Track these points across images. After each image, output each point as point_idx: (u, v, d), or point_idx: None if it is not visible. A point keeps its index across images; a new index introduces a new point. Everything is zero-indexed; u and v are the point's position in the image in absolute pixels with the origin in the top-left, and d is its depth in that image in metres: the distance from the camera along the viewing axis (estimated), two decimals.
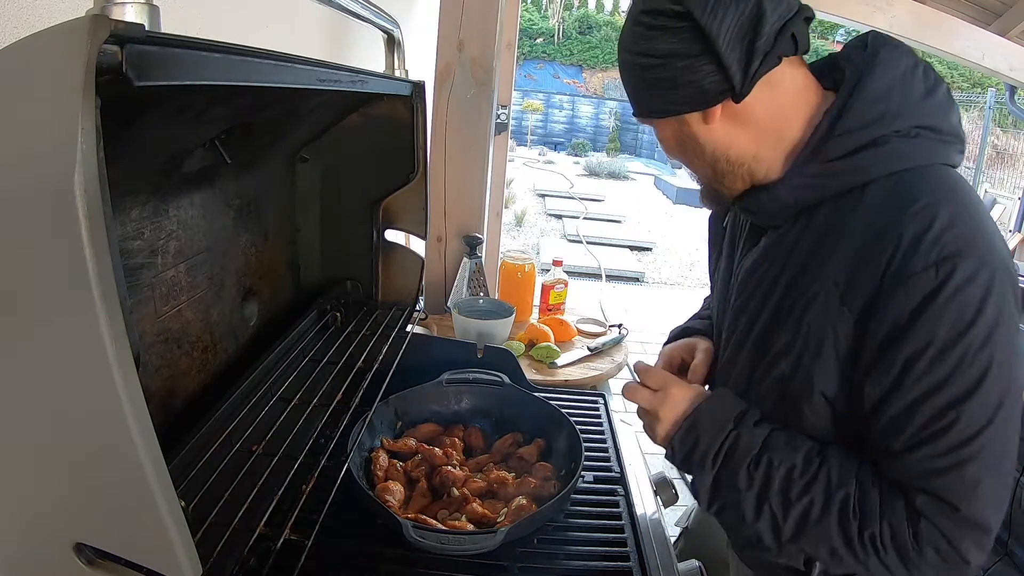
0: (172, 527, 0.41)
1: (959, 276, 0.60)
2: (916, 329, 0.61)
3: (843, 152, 0.68)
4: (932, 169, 0.67)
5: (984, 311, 0.60)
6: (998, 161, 10.35)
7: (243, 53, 0.49)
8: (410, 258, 1.27)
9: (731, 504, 0.72)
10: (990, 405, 0.61)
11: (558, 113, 17.69)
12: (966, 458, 0.61)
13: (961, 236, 0.61)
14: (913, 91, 0.68)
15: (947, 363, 0.61)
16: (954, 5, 3.54)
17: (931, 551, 0.63)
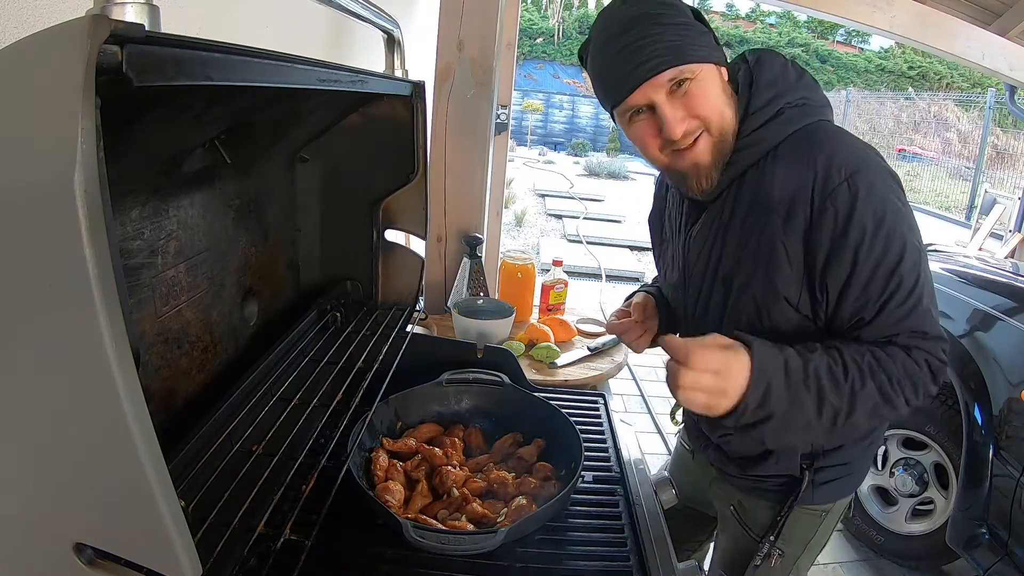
0: (172, 527, 0.41)
1: (864, 182, 0.83)
2: (851, 227, 0.83)
3: (757, 125, 0.90)
4: (818, 123, 0.91)
5: (887, 200, 0.83)
6: (998, 161, 10.35)
7: (243, 53, 0.49)
8: (410, 258, 1.27)
9: (797, 420, 0.84)
10: (915, 260, 0.85)
11: (558, 113, 17.69)
12: (917, 299, 0.86)
13: (854, 158, 0.85)
14: (789, 77, 0.93)
15: (879, 243, 0.83)
16: (954, 5, 3.54)
17: (926, 367, 0.87)
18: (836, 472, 1.05)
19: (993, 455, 1.89)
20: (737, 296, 0.94)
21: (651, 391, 3.56)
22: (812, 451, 1.02)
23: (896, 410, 0.86)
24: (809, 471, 1.02)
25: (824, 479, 1.04)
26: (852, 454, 1.05)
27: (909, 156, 13.07)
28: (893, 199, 0.84)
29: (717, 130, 0.89)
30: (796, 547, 1.10)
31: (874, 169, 0.84)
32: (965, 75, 17.84)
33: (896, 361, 0.86)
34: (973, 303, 2.14)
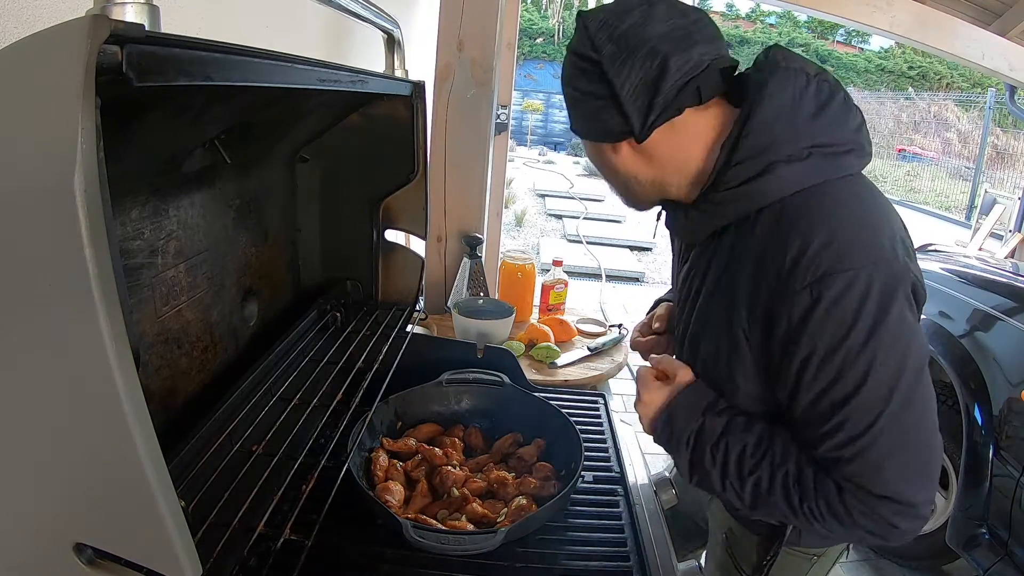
0: (172, 527, 0.41)
1: (832, 292, 0.67)
2: (801, 342, 0.69)
3: (736, 182, 0.74)
4: (818, 188, 0.72)
5: (860, 318, 0.67)
6: (998, 161, 10.35)
7: (243, 53, 0.49)
8: (410, 258, 1.27)
9: (703, 478, 0.81)
10: (879, 398, 0.67)
11: (558, 113, 17.67)
12: (864, 447, 0.68)
13: (835, 253, 0.67)
14: (802, 113, 0.73)
15: (830, 369, 0.68)
16: (954, 5, 3.54)
17: (862, 519, 0.71)
18: None
19: (993, 455, 1.89)
20: (702, 368, 0.85)
21: None
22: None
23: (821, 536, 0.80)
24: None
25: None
26: None
27: (909, 156, 13.07)
28: (873, 310, 0.67)
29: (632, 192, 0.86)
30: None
31: (858, 268, 0.67)
32: (965, 75, 17.84)
33: (820, 493, 0.72)
34: (973, 303, 2.14)
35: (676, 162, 0.79)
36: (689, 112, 0.76)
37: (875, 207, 0.74)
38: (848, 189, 0.73)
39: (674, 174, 0.81)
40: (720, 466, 0.78)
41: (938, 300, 2.27)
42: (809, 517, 0.73)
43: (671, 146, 0.78)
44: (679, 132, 0.77)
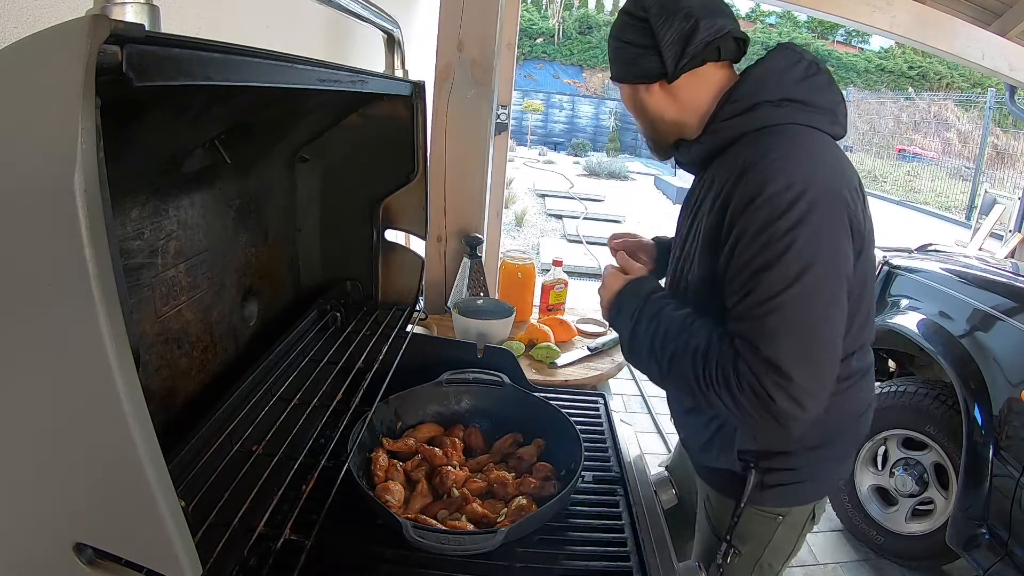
0: (172, 527, 0.41)
1: (772, 187, 0.83)
2: (741, 221, 0.86)
3: (729, 116, 0.96)
4: (787, 126, 0.92)
5: (790, 212, 0.82)
6: (998, 161, 10.35)
7: (243, 53, 0.49)
8: (410, 258, 1.27)
9: (636, 348, 0.99)
10: (787, 277, 0.82)
11: (558, 113, 17.69)
12: (766, 312, 0.82)
13: (784, 165, 0.85)
14: (790, 77, 0.94)
15: (755, 245, 0.84)
16: (954, 5, 3.54)
17: (747, 388, 0.83)
18: (784, 476, 1.06)
19: (993, 455, 1.89)
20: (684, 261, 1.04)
21: (651, 391, 3.56)
22: (758, 450, 1.04)
23: (708, 403, 0.89)
24: (755, 470, 1.05)
25: (773, 482, 1.06)
26: (800, 462, 1.05)
27: (909, 156, 13.07)
28: (803, 211, 0.82)
29: (657, 130, 1.07)
30: (755, 547, 1.12)
31: (800, 179, 0.83)
32: (965, 75, 17.84)
33: (719, 360, 0.86)
34: (973, 303, 2.14)
35: (693, 104, 1.00)
36: (708, 66, 0.98)
37: (832, 154, 0.91)
38: (813, 135, 0.92)
39: (691, 114, 1.01)
40: (650, 337, 0.95)
41: (938, 300, 2.27)
42: (707, 383, 0.87)
43: (691, 91, 1.00)
44: (699, 80, 0.99)
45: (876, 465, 2.40)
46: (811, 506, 1.12)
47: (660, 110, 1.03)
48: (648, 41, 0.97)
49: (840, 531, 2.50)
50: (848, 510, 2.43)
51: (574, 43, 20.39)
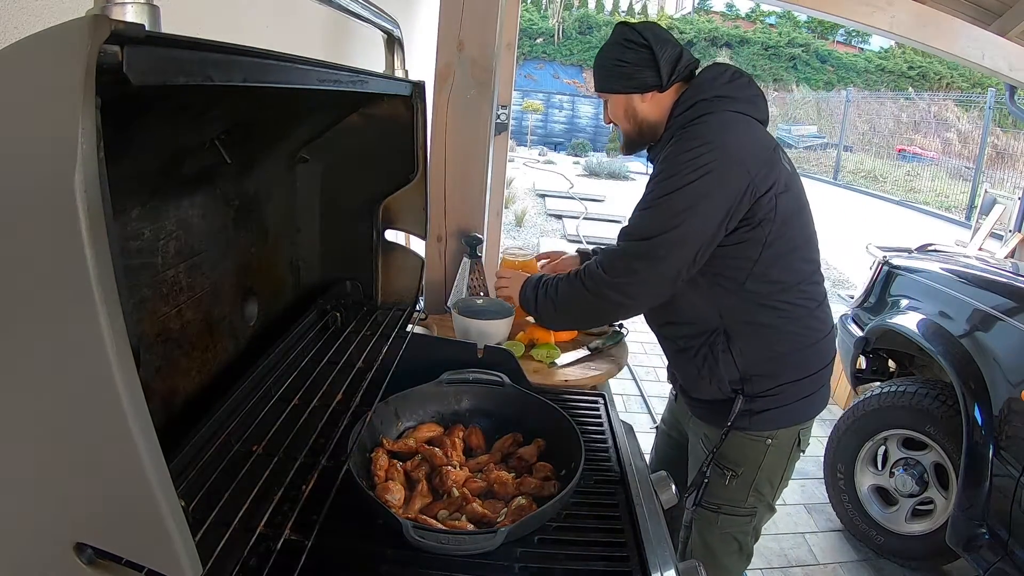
0: (172, 527, 0.41)
1: (684, 145, 1.20)
2: (655, 171, 1.25)
3: (680, 112, 1.30)
4: (721, 113, 1.25)
5: (693, 171, 1.18)
6: (998, 161, 10.35)
7: (243, 53, 0.49)
8: (410, 258, 1.27)
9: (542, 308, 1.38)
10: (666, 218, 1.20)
11: (558, 113, 17.69)
12: (626, 232, 1.26)
13: (704, 134, 1.21)
14: (718, 82, 1.29)
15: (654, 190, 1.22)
16: (954, 5, 3.54)
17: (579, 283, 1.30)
18: (769, 402, 1.32)
19: (993, 455, 1.89)
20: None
21: (651, 391, 3.56)
22: (740, 376, 1.31)
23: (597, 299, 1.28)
24: (742, 396, 1.31)
25: (759, 408, 1.32)
26: (780, 388, 1.31)
27: (909, 156, 13.07)
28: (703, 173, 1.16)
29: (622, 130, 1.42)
30: (748, 469, 1.36)
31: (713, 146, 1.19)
32: (965, 75, 17.84)
33: (585, 268, 1.30)
34: (973, 303, 2.14)
35: (665, 110, 1.34)
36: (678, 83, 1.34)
37: (746, 125, 1.26)
38: (736, 117, 1.26)
39: (663, 118, 1.35)
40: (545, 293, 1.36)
41: (938, 300, 2.27)
42: (581, 283, 1.28)
43: (667, 100, 1.34)
44: (672, 92, 1.34)
45: (876, 465, 2.40)
46: (796, 430, 1.35)
47: (646, 114, 1.36)
48: (648, 61, 1.30)
49: (840, 531, 2.50)
50: (848, 510, 2.43)
51: (574, 43, 20.39)
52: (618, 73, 1.32)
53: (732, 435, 1.33)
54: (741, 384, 1.31)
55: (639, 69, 1.30)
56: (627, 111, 1.36)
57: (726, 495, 1.38)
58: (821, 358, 1.35)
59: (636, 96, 1.33)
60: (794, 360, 1.31)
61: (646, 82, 1.31)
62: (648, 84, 1.31)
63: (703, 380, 1.34)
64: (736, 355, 1.29)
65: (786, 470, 1.39)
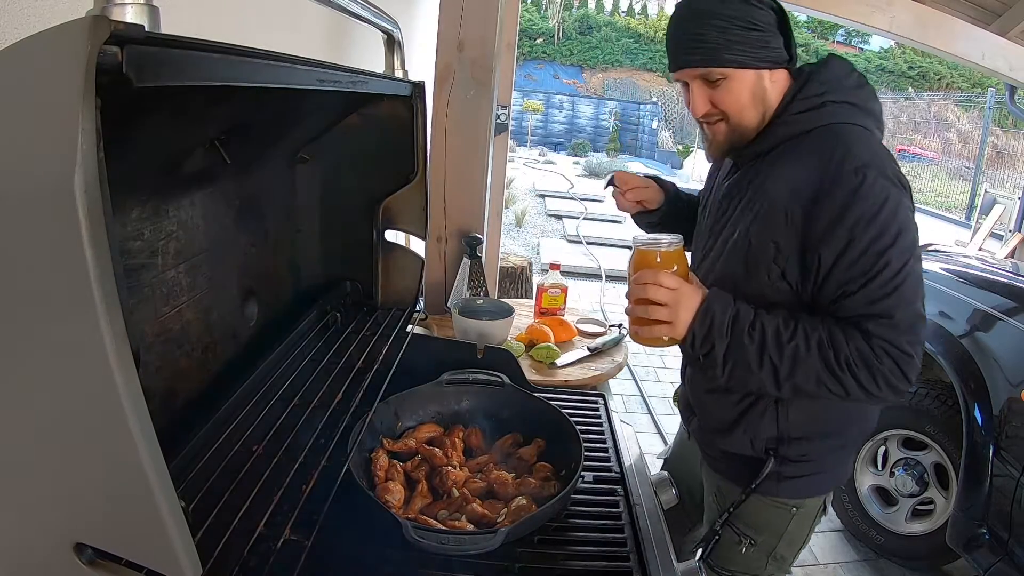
0: (172, 527, 0.41)
1: (870, 176, 0.92)
2: (852, 209, 0.91)
3: (799, 110, 1.01)
4: (853, 126, 1.00)
5: (889, 197, 0.92)
6: (998, 161, 10.35)
7: (243, 53, 0.49)
8: (410, 258, 1.27)
9: (740, 361, 0.95)
10: (906, 250, 0.91)
11: (558, 113, 17.69)
12: (900, 283, 0.91)
13: (868, 157, 0.94)
14: (848, 82, 1.03)
15: (874, 227, 0.90)
16: (954, 5, 3.54)
17: (887, 358, 0.90)
18: (801, 468, 1.10)
19: (993, 455, 1.89)
20: (734, 242, 1.03)
21: (651, 391, 3.56)
22: (777, 435, 1.08)
23: (846, 390, 0.92)
24: (774, 458, 1.08)
25: (789, 473, 1.10)
26: (819, 452, 1.09)
27: (909, 156, 13.05)
28: (897, 195, 0.92)
29: (735, 122, 1.03)
30: (769, 537, 1.16)
31: (885, 169, 0.93)
32: (965, 75, 17.84)
33: (851, 343, 0.92)
34: (973, 303, 2.14)
35: (776, 97, 1.03)
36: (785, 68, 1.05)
37: (886, 148, 0.99)
38: (870, 135, 1.00)
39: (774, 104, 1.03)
40: (758, 343, 0.94)
41: (938, 300, 2.27)
42: (844, 370, 0.91)
43: (783, 86, 1.04)
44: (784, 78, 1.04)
45: (876, 465, 2.40)
46: (823, 498, 1.16)
47: (771, 99, 1.02)
48: (774, 27, 0.99)
49: (840, 531, 2.50)
50: (848, 510, 2.43)
51: (574, 43, 20.39)
52: (749, 39, 0.97)
53: (753, 498, 1.11)
54: (777, 444, 1.08)
55: (773, 36, 0.99)
56: (755, 94, 1.01)
57: (740, 561, 1.18)
58: (866, 423, 1.15)
59: (766, 74, 1.01)
60: (840, 426, 1.10)
61: (780, 54, 1.00)
62: (781, 58, 1.00)
63: (737, 430, 1.10)
64: (783, 412, 1.06)
65: (807, 537, 1.21)
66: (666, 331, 0.97)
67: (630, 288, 0.99)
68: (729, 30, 0.96)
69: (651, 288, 0.96)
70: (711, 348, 0.96)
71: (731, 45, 0.97)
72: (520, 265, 3.40)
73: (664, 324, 0.97)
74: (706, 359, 0.98)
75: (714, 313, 0.95)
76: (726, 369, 0.96)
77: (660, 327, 0.97)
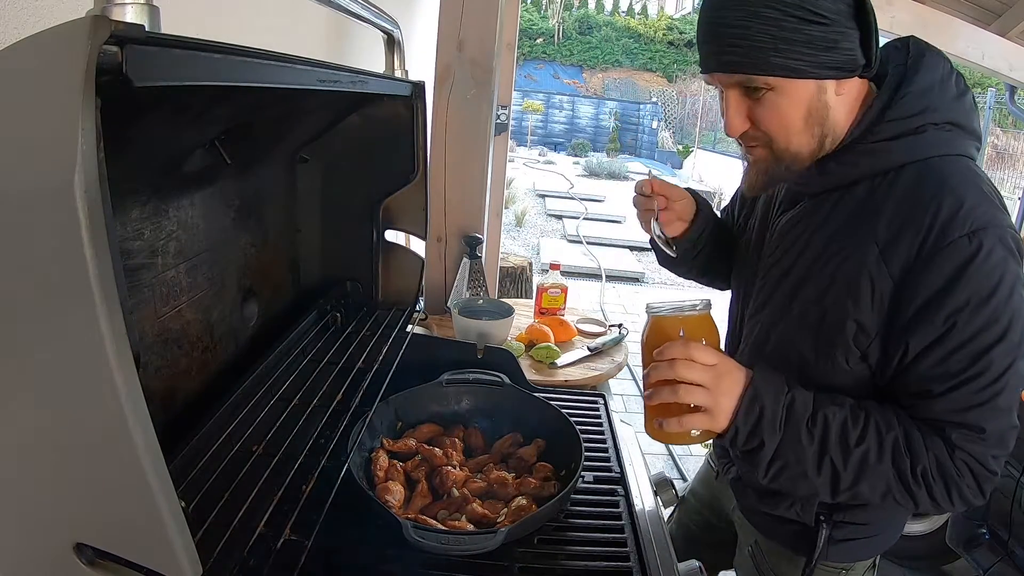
0: (172, 527, 0.41)
1: (988, 244, 0.70)
2: (958, 288, 0.71)
3: (889, 135, 0.77)
4: (957, 158, 0.77)
5: (1007, 273, 0.71)
6: (998, 161, 10.36)
7: (243, 53, 0.49)
8: (410, 258, 1.27)
9: (793, 463, 0.76)
10: (1013, 348, 0.72)
11: (558, 113, 17.70)
12: (998, 391, 0.72)
13: (986, 213, 0.72)
14: (948, 92, 0.78)
15: (982, 316, 0.71)
16: (954, 5, 3.54)
17: (969, 474, 0.74)
18: (856, 531, 0.94)
19: None
20: (801, 309, 0.82)
21: None
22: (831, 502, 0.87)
23: (916, 503, 0.76)
24: (827, 524, 0.92)
25: (842, 536, 0.94)
26: (874, 515, 0.94)
27: None
28: (1014, 271, 0.72)
29: (781, 148, 0.80)
30: None
31: (1002, 230, 0.72)
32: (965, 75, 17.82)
33: (931, 452, 0.74)
34: None
35: (845, 115, 0.80)
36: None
37: (993, 186, 0.78)
38: (977, 167, 0.78)
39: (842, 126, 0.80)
40: (819, 442, 0.74)
41: None
42: (919, 483, 0.74)
43: (851, 98, 0.80)
44: (861, 86, 0.80)
45: None
46: (871, 560, 1.01)
47: (836, 120, 0.78)
48: (851, 17, 0.72)
49: None
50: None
51: (574, 43, 20.40)
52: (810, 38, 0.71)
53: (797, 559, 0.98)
54: (830, 511, 0.92)
55: (845, 32, 0.72)
56: (812, 112, 0.76)
57: None
58: None
59: (831, 85, 0.75)
60: None
61: (853, 58, 0.74)
62: (854, 63, 0.74)
63: (784, 499, 0.94)
64: None
65: None
66: (703, 422, 0.75)
67: (648, 369, 0.77)
68: (782, 23, 0.70)
69: (682, 365, 0.74)
70: (759, 445, 0.76)
71: (783, 45, 0.71)
72: (520, 265, 3.40)
73: (700, 414, 0.75)
74: (749, 457, 0.79)
75: (764, 401, 0.74)
76: (771, 470, 0.78)
77: (695, 417, 0.75)
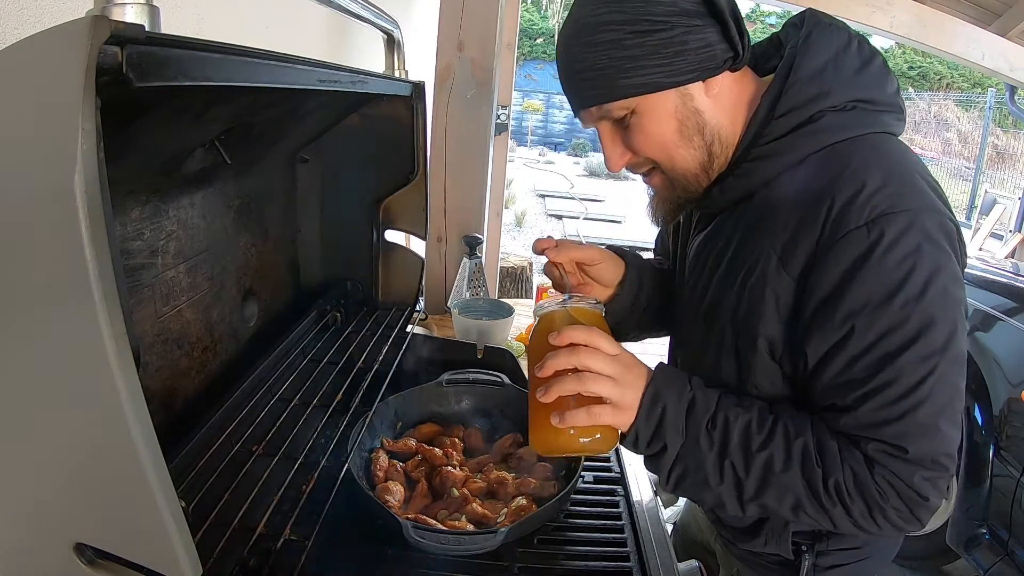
0: (172, 527, 0.41)
1: (891, 233, 0.61)
2: (853, 287, 0.62)
3: (783, 132, 0.69)
4: (865, 137, 0.68)
5: (919, 265, 0.61)
6: (998, 161, 10.35)
7: (243, 53, 0.49)
8: (410, 258, 1.27)
9: (693, 468, 0.68)
10: (936, 349, 0.61)
11: (558, 113, 17.69)
12: (915, 404, 0.62)
13: (891, 195, 0.62)
14: (846, 67, 0.69)
15: (885, 317, 0.61)
16: (954, 5, 3.54)
17: (895, 496, 0.64)
18: (844, 557, 0.85)
19: (993, 455, 1.89)
20: (719, 334, 0.76)
21: None
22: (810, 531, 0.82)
23: (832, 522, 0.66)
24: (809, 554, 0.83)
25: (829, 564, 0.85)
26: (866, 537, 0.84)
27: None
28: (931, 261, 0.61)
29: (668, 169, 0.73)
30: None
31: (914, 212, 0.62)
32: (965, 75, 17.84)
33: (846, 465, 0.64)
34: (973, 303, 2.14)
35: (734, 111, 0.72)
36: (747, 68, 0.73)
37: (916, 162, 0.69)
38: (891, 142, 0.69)
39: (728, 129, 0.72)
40: (718, 446, 0.66)
41: None
42: (833, 498, 0.64)
43: (735, 88, 0.71)
44: (748, 82, 0.73)
45: None
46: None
47: (718, 120, 0.71)
48: (693, 15, 0.65)
49: None
50: None
51: None
52: (653, 47, 0.65)
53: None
54: (812, 540, 0.83)
55: (692, 30, 0.66)
56: (683, 122, 0.70)
57: None
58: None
59: (696, 89, 0.69)
60: None
61: (712, 54, 0.67)
62: (713, 60, 0.67)
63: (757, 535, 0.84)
64: None
65: None
66: (610, 416, 0.66)
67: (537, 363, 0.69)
68: (622, 43, 0.65)
69: (585, 352, 0.67)
70: (662, 449, 0.68)
71: (628, 65, 0.66)
72: (520, 265, 3.40)
73: (607, 406, 0.67)
74: (652, 462, 0.71)
75: (666, 401, 0.68)
76: (672, 476, 0.69)
77: (601, 410, 0.66)
